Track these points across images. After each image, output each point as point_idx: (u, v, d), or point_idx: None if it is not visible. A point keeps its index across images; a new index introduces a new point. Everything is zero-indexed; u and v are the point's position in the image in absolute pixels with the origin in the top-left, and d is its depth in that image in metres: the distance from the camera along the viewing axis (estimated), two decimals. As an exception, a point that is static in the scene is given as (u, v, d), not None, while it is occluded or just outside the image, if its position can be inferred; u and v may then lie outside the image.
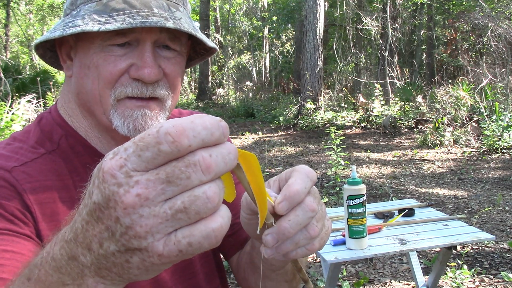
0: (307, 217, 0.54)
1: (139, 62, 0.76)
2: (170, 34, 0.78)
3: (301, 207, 0.54)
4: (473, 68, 11.86)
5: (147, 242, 0.39)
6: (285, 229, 0.54)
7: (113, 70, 0.76)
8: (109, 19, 0.72)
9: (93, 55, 0.76)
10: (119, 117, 0.78)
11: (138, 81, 0.77)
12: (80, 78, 0.79)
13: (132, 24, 0.70)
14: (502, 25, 11.17)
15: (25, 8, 22.29)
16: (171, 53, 0.81)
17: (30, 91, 8.45)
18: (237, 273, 0.96)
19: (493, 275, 3.44)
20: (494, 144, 8.25)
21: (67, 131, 0.83)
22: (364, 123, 11.32)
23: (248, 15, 21.86)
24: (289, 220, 0.54)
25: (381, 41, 13.61)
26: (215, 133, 0.39)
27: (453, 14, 15.05)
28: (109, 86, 0.77)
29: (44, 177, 0.76)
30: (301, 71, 12.58)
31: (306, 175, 0.56)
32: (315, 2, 11.96)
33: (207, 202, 0.39)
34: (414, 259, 3.00)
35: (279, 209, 0.54)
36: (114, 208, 0.39)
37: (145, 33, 0.76)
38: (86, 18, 0.73)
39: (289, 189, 0.54)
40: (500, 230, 4.41)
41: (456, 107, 9.55)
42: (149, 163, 0.38)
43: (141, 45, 0.77)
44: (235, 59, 21.78)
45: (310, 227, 0.56)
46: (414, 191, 5.97)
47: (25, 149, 0.78)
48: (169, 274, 0.87)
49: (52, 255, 0.47)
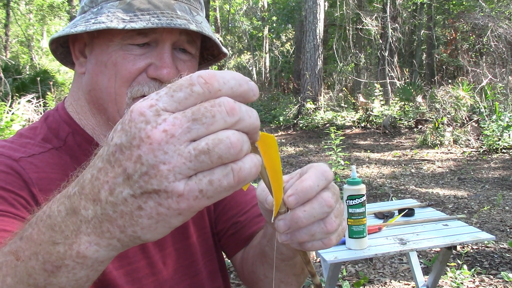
0: (322, 211, 0.55)
1: (158, 62, 0.77)
2: (188, 37, 0.80)
3: (318, 201, 0.55)
4: (473, 68, 11.87)
5: (168, 182, 0.38)
6: (299, 218, 0.54)
7: (132, 68, 0.77)
8: (133, 18, 0.73)
9: (111, 52, 0.77)
10: None
11: (155, 81, 0.78)
12: (95, 75, 0.80)
13: (158, 24, 0.72)
14: (502, 25, 11.17)
15: (25, 8, 22.29)
16: (187, 56, 0.82)
17: (30, 91, 8.45)
18: (242, 269, 0.96)
19: (493, 275, 3.44)
20: (494, 144, 8.25)
21: (74, 129, 0.84)
22: (364, 123, 11.32)
23: (248, 15, 21.86)
24: (304, 211, 0.54)
25: (381, 41, 13.61)
26: (243, 85, 0.41)
27: (453, 14, 15.05)
28: (126, 84, 0.78)
29: (50, 170, 0.76)
30: (301, 71, 12.58)
31: (322, 173, 0.57)
32: (315, 2, 11.97)
33: (230, 148, 0.39)
34: (414, 259, 3.00)
35: (288, 202, 0.54)
36: (137, 146, 0.38)
37: (166, 35, 0.77)
38: (110, 15, 0.74)
39: (301, 184, 0.55)
40: (500, 230, 4.41)
41: (456, 107, 9.55)
42: (180, 103, 0.39)
43: (160, 45, 0.78)
44: (235, 59, 21.79)
45: (328, 222, 0.56)
46: (414, 191, 5.98)
47: (33, 144, 0.79)
48: (172, 272, 0.87)
49: (48, 213, 0.46)
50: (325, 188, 0.57)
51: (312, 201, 0.55)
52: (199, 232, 0.94)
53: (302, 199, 0.54)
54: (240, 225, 0.96)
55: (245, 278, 0.96)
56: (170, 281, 0.86)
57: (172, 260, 0.88)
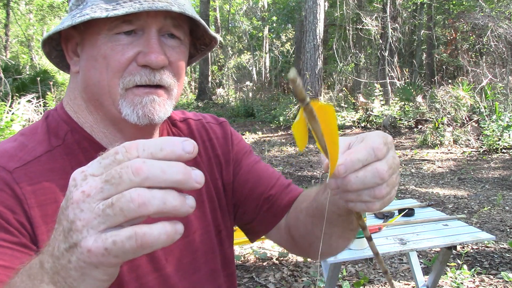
0: (374, 181, 0.58)
1: (145, 49, 0.78)
2: (174, 21, 0.81)
3: (372, 171, 0.58)
4: (473, 68, 11.86)
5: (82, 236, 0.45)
6: (349, 182, 0.58)
7: (121, 58, 0.78)
8: (116, 6, 0.74)
9: (100, 46, 0.78)
10: (128, 105, 0.80)
11: (146, 68, 0.79)
12: (87, 70, 0.81)
13: (140, 8, 0.73)
14: (502, 25, 11.17)
15: (25, 8, 22.28)
16: (175, 42, 0.83)
17: (30, 91, 8.45)
18: (289, 237, 0.98)
19: (493, 275, 3.44)
20: (494, 144, 8.25)
21: (72, 127, 0.85)
22: (364, 123, 11.32)
23: (248, 15, 21.86)
24: (357, 176, 0.57)
25: (381, 41, 13.61)
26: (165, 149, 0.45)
27: (453, 14, 15.04)
28: (117, 75, 0.79)
29: (46, 177, 0.77)
30: (301, 71, 12.58)
31: (373, 149, 0.58)
32: (315, 2, 11.96)
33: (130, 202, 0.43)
34: (414, 259, 3.00)
35: (337, 171, 0.57)
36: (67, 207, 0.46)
37: (150, 20, 0.78)
38: (94, 7, 0.75)
39: (350, 156, 0.57)
40: (500, 230, 4.41)
41: (456, 107, 9.55)
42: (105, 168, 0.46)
43: (146, 32, 0.79)
44: (235, 59, 21.78)
45: (378, 188, 0.59)
46: (414, 191, 5.98)
47: (30, 147, 0.79)
48: (174, 271, 0.88)
49: (31, 263, 0.54)
50: (383, 159, 0.59)
51: (367, 168, 0.58)
52: (202, 230, 0.94)
53: (349, 170, 0.57)
54: (274, 198, 1.00)
55: (295, 244, 0.99)
56: (174, 277, 0.87)
57: (174, 257, 0.88)
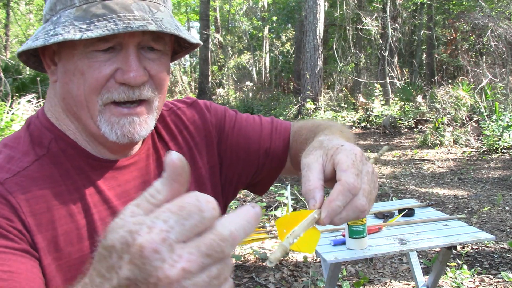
0: (356, 216, 0.64)
1: (124, 67, 0.76)
2: (153, 35, 0.78)
3: (353, 209, 0.63)
4: (473, 68, 11.86)
5: None
6: (334, 223, 0.64)
7: (98, 76, 0.75)
8: (90, 25, 0.71)
9: (77, 61, 0.75)
10: (106, 123, 0.78)
11: (124, 85, 0.76)
12: (65, 83, 0.79)
13: (114, 30, 0.69)
14: (502, 25, 11.17)
15: (25, 8, 22.29)
16: (155, 54, 0.80)
17: (30, 91, 8.44)
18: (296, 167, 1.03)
19: (493, 275, 3.44)
20: (494, 144, 8.25)
21: (56, 134, 0.82)
22: (364, 123, 11.32)
23: (248, 15, 21.86)
24: (340, 218, 0.63)
25: (381, 41, 13.61)
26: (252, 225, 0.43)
27: (453, 14, 15.04)
28: (95, 92, 0.76)
29: (36, 187, 0.75)
30: (301, 71, 12.58)
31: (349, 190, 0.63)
32: (315, 2, 11.96)
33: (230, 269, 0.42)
34: (414, 259, 3.00)
35: (322, 222, 0.62)
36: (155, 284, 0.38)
37: (128, 37, 0.75)
38: (67, 25, 0.72)
39: (331, 205, 0.62)
40: (500, 230, 4.41)
41: (456, 107, 9.55)
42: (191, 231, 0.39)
43: (124, 49, 0.76)
44: (235, 59, 21.78)
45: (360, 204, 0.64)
46: (414, 191, 5.98)
47: (17, 159, 0.77)
48: None
49: None
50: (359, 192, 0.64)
51: (347, 208, 0.63)
52: None
53: (332, 217, 0.62)
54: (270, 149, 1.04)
55: None
56: None
57: None
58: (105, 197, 0.83)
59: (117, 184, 0.86)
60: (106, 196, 0.83)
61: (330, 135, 0.80)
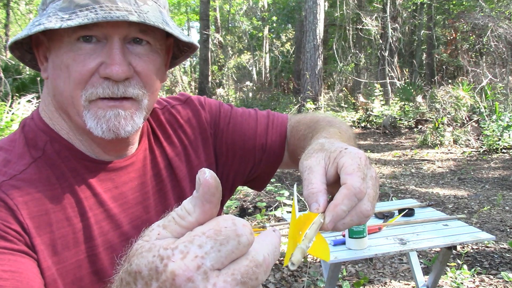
0: (360, 221, 0.62)
1: (107, 60, 0.74)
2: (140, 26, 0.76)
3: (357, 215, 0.61)
4: (473, 68, 11.86)
5: None
6: (337, 228, 0.61)
7: (82, 70, 0.74)
8: (72, 15, 0.70)
9: (63, 54, 0.75)
10: (92, 118, 0.76)
11: (108, 80, 0.75)
12: (53, 79, 0.78)
13: (94, 19, 0.68)
14: (502, 25, 11.17)
15: (25, 8, 22.28)
16: (143, 50, 0.78)
17: (30, 91, 8.44)
18: (294, 161, 1.02)
19: (493, 275, 3.44)
20: (494, 144, 8.25)
21: (51, 136, 0.82)
22: (364, 123, 11.33)
23: (248, 15, 21.85)
24: (344, 223, 0.61)
25: (381, 41, 13.61)
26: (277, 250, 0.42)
27: (453, 14, 15.04)
28: (79, 86, 0.75)
29: (34, 189, 0.75)
30: (301, 71, 12.58)
31: (355, 194, 0.60)
32: (315, 2, 11.96)
33: None
34: (414, 259, 3.00)
35: (326, 227, 0.59)
36: None
37: (112, 29, 0.73)
38: (51, 16, 0.72)
39: (336, 210, 0.59)
40: (500, 230, 4.41)
41: (456, 107, 9.55)
42: (227, 258, 0.37)
43: (109, 41, 0.74)
44: (235, 59, 21.78)
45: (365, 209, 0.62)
46: (414, 191, 5.98)
47: (13, 162, 0.77)
48: None
49: None
50: (364, 197, 0.62)
51: (352, 213, 0.61)
52: None
53: (336, 222, 0.60)
54: (267, 144, 1.03)
55: None
56: None
57: None
58: (100, 200, 0.82)
59: (114, 186, 0.85)
60: (102, 198, 0.82)
61: (330, 138, 0.78)
